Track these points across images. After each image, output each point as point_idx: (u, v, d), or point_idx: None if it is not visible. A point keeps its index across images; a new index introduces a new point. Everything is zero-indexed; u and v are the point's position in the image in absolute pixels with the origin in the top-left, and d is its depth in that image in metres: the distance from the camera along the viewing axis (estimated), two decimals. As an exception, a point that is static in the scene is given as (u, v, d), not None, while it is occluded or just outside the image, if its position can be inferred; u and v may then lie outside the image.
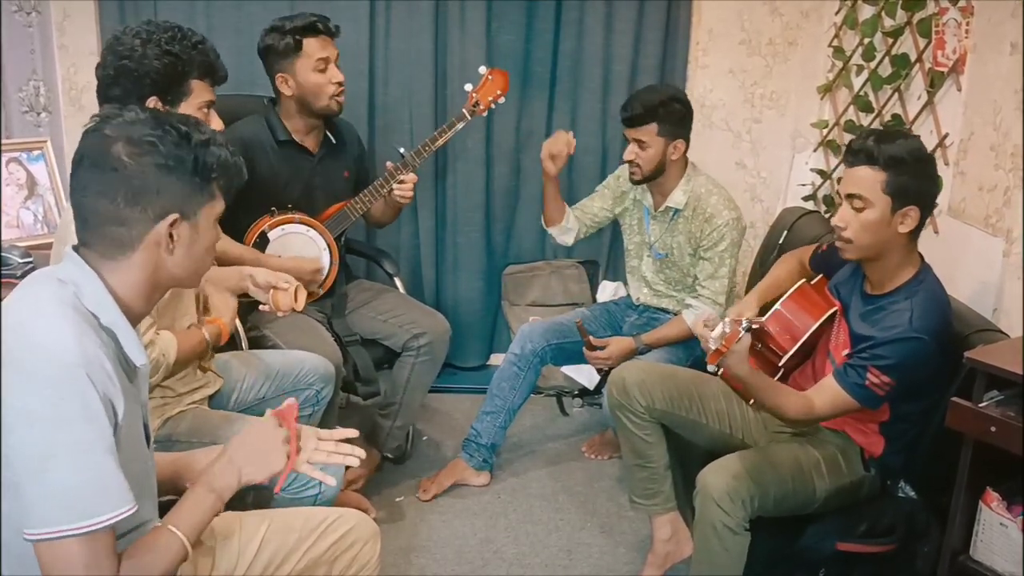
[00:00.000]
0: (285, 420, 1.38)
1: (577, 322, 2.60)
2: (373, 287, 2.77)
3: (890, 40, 2.60)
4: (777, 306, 1.99)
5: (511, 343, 2.75)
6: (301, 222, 2.50)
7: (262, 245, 2.46)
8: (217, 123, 1.89)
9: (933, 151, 2.17)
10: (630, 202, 2.70)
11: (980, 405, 1.52)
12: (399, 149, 2.63)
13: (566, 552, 2.41)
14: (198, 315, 1.95)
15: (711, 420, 2.14)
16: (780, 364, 2.00)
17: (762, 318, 1.97)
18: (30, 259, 2.27)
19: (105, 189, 1.17)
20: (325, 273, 2.54)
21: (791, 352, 1.95)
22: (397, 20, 3.11)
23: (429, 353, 2.57)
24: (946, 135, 2.29)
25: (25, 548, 1.13)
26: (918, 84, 2.47)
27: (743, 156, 3.26)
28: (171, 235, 1.20)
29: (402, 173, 2.55)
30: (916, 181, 1.74)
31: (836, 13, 2.99)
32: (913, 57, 2.48)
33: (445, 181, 3.28)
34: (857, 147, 1.77)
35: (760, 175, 3.29)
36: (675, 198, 2.54)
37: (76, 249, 1.22)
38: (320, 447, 1.41)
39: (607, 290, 3.32)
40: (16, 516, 1.12)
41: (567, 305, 3.33)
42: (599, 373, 2.69)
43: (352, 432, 1.47)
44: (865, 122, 2.76)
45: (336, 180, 2.62)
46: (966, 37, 2.22)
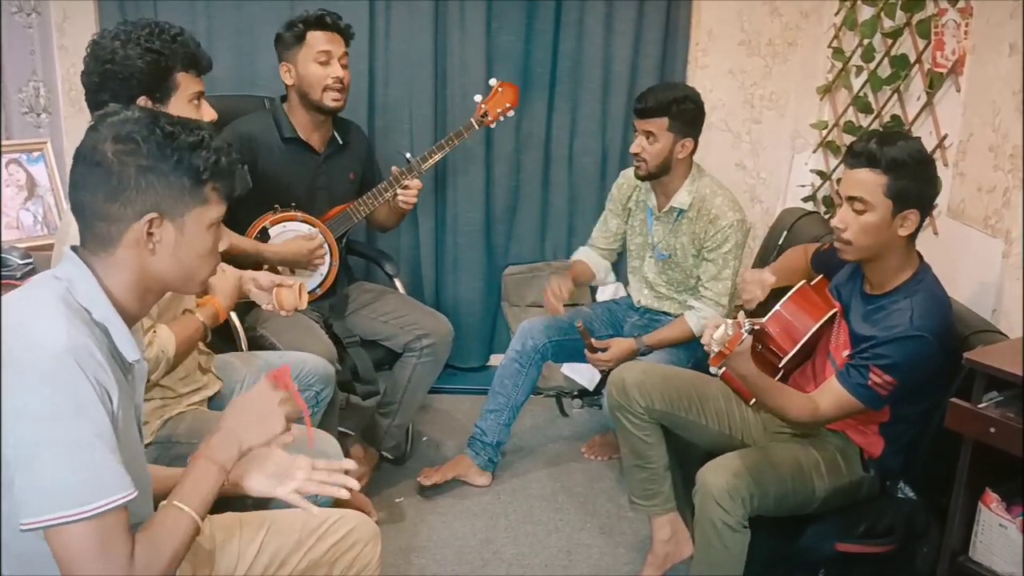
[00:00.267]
0: (280, 382, 1.35)
1: (578, 324, 2.60)
2: (374, 288, 2.77)
3: (889, 41, 2.60)
4: (777, 307, 1.99)
5: (512, 340, 2.75)
6: (303, 220, 2.50)
7: (263, 241, 2.46)
8: (209, 113, 1.88)
9: (932, 152, 2.17)
10: (633, 203, 2.70)
11: (979, 406, 1.53)
12: (405, 155, 2.63)
13: (566, 553, 2.41)
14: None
15: (710, 421, 2.14)
16: (780, 365, 2.00)
17: (763, 319, 1.97)
18: (30, 260, 2.27)
19: (90, 185, 1.19)
20: (326, 267, 2.53)
21: (791, 353, 1.96)
22: (397, 20, 3.11)
23: (432, 354, 2.57)
24: (945, 136, 2.29)
25: (26, 548, 1.13)
26: (917, 85, 2.48)
27: (743, 157, 3.27)
28: (150, 234, 1.20)
29: (407, 178, 2.55)
30: (917, 184, 1.74)
31: (836, 14, 2.99)
32: (912, 58, 2.48)
33: (445, 182, 3.28)
34: (859, 149, 1.77)
35: (760, 176, 3.29)
36: (679, 199, 2.54)
37: (75, 249, 1.24)
38: (313, 477, 1.38)
39: (607, 290, 3.31)
40: (17, 515, 1.11)
41: (567, 306, 3.32)
42: (600, 373, 2.69)
43: (352, 464, 1.45)
44: (864, 123, 2.77)
45: (341, 181, 2.62)
46: (965, 38, 2.22)
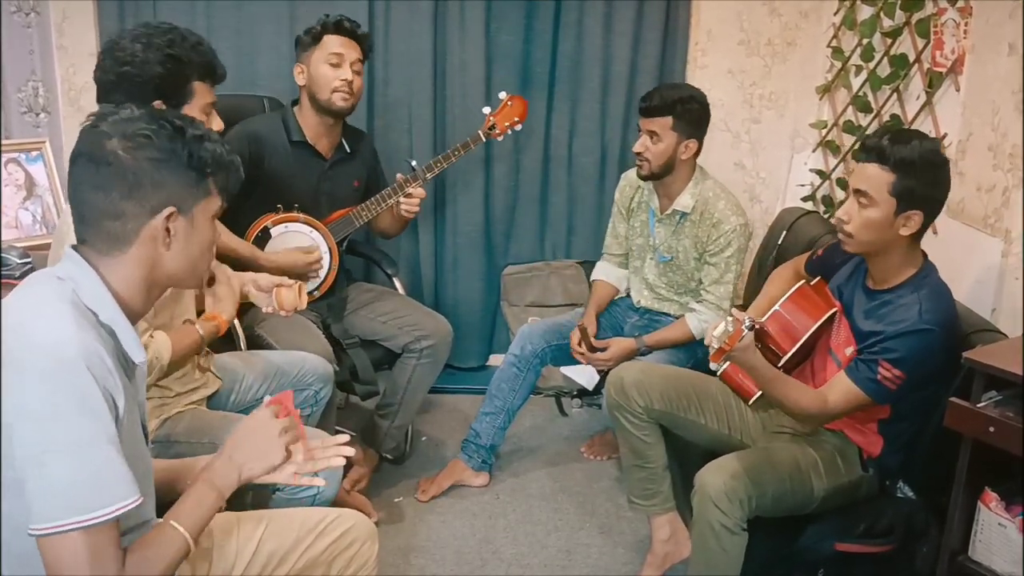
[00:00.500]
0: (283, 407, 1.37)
1: (580, 324, 2.60)
2: (374, 289, 2.77)
3: (889, 40, 2.60)
4: (776, 307, 1.99)
5: (511, 344, 2.75)
6: (305, 222, 2.50)
7: (264, 240, 2.46)
8: (218, 123, 1.90)
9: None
10: (635, 204, 2.69)
11: (979, 405, 1.52)
12: (411, 162, 2.63)
13: (565, 552, 2.41)
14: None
15: (709, 420, 2.14)
16: (779, 365, 2.00)
17: (763, 318, 1.97)
18: (28, 260, 2.27)
19: (101, 184, 1.18)
20: (325, 271, 2.54)
21: (790, 353, 1.96)
22: (397, 20, 3.11)
23: (431, 355, 2.57)
24: (944, 135, 2.29)
25: (25, 548, 1.13)
26: (917, 84, 2.48)
27: (742, 156, 3.27)
28: (168, 229, 1.21)
29: (411, 186, 2.56)
30: (924, 186, 1.74)
31: (835, 13, 2.99)
32: (912, 57, 2.48)
33: (444, 182, 3.28)
34: (871, 144, 1.77)
35: (759, 175, 3.29)
36: (682, 201, 2.53)
37: (75, 248, 1.23)
38: (308, 457, 1.40)
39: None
40: (17, 515, 1.12)
41: (566, 305, 3.33)
42: (598, 373, 2.69)
43: (344, 438, 1.46)
44: (864, 123, 2.77)
45: (345, 188, 2.62)
46: (964, 38, 2.22)
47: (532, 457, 2.91)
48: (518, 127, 2.74)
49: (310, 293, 2.51)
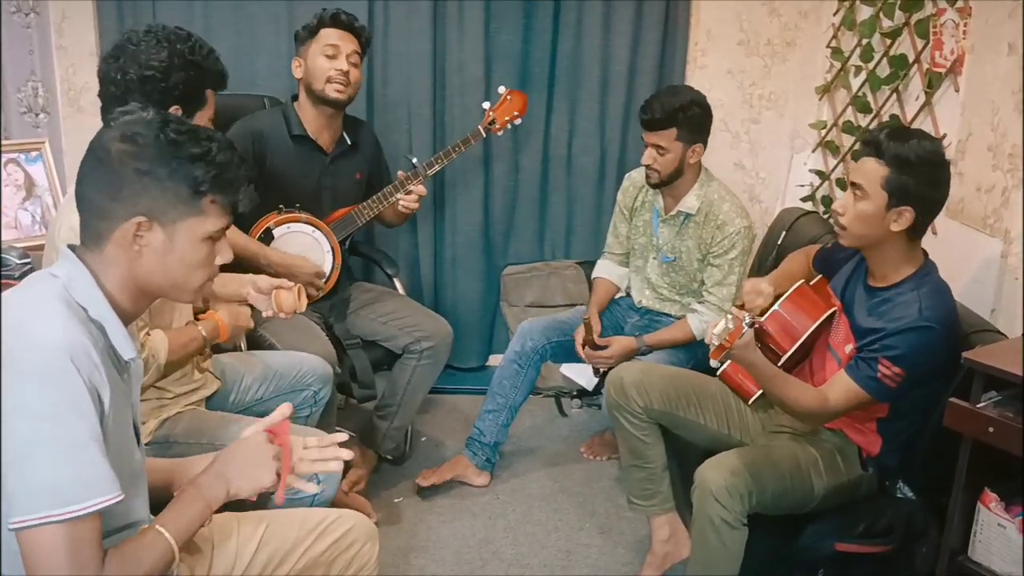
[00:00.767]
0: (278, 436, 1.37)
1: (586, 318, 2.59)
2: (374, 289, 2.77)
3: (888, 41, 2.60)
4: (776, 307, 1.99)
5: (511, 341, 2.75)
6: (308, 222, 2.50)
7: (266, 241, 2.46)
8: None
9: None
10: (639, 203, 2.69)
11: (978, 405, 1.52)
12: (411, 159, 2.63)
13: (565, 553, 2.41)
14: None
15: (709, 420, 2.14)
16: (779, 364, 2.00)
17: (762, 318, 1.97)
18: (28, 260, 2.27)
19: (93, 178, 1.20)
20: (327, 277, 2.54)
21: (790, 352, 1.96)
22: (396, 20, 3.11)
23: (431, 356, 2.57)
24: (944, 136, 2.29)
25: None
26: (916, 85, 2.48)
27: (742, 157, 3.27)
28: (137, 236, 1.20)
29: (412, 183, 2.56)
30: (918, 184, 1.74)
31: (834, 14, 2.99)
32: (911, 58, 2.48)
33: (444, 182, 3.28)
34: (869, 138, 1.79)
35: (759, 176, 3.29)
36: (688, 203, 2.52)
37: (72, 248, 1.24)
38: (305, 456, 1.39)
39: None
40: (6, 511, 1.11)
41: (566, 306, 3.33)
42: (596, 374, 2.69)
43: (342, 436, 1.46)
44: (863, 123, 2.77)
45: (347, 181, 2.62)
46: (964, 38, 2.22)
47: (532, 457, 2.91)
48: (518, 121, 2.74)
49: (312, 294, 2.50)
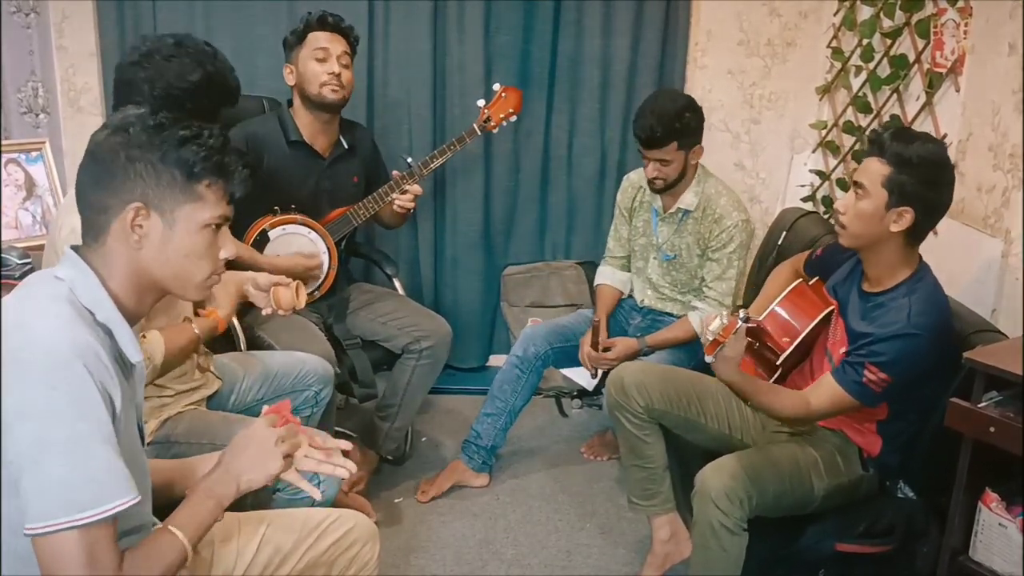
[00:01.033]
0: (280, 416, 1.37)
1: (596, 320, 2.59)
2: (374, 290, 2.77)
3: (889, 41, 2.60)
4: (773, 306, 1.99)
5: (512, 345, 2.74)
6: (303, 223, 2.50)
7: (262, 243, 2.46)
8: None
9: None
10: (637, 204, 2.69)
11: (979, 405, 1.52)
12: (407, 159, 2.63)
13: (565, 553, 2.41)
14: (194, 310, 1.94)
15: (710, 420, 2.14)
16: (778, 363, 2.00)
17: (760, 316, 1.97)
18: (28, 260, 2.26)
19: (88, 175, 1.20)
20: (324, 271, 2.53)
21: (788, 351, 1.96)
22: (396, 21, 3.11)
23: (431, 356, 2.57)
24: (945, 136, 2.29)
25: (26, 548, 1.13)
26: (917, 85, 2.48)
27: (742, 157, 3.26)
28: (134, 225, 1.19)
29: (408, 183, 2.56)
30: (918, 185, 1.73)
31: (835, 14, 2.99)
32: (912, 58, 2.48)
33: (444, 182, 3.28)
34: (873, 137, 1.79)
35: (759, 176, 3.29)
36: (686, 200, 2.53)
37: (75, 249, 1.23)
38: (310, 454, 1.39)
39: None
40: (17, 515, 1.11)
41: (566, 306, 3.33)
42: (593, 376, 2.68)
43: (346, 444, 1.45)
44: (864, 123, 2.77)
45: (345, 185, 2.62)
46: (964, 38, 2.22)
47: (532, 458, 2.90)
48: (513, 118, 2.73)
49: (310, 294, 2.51)
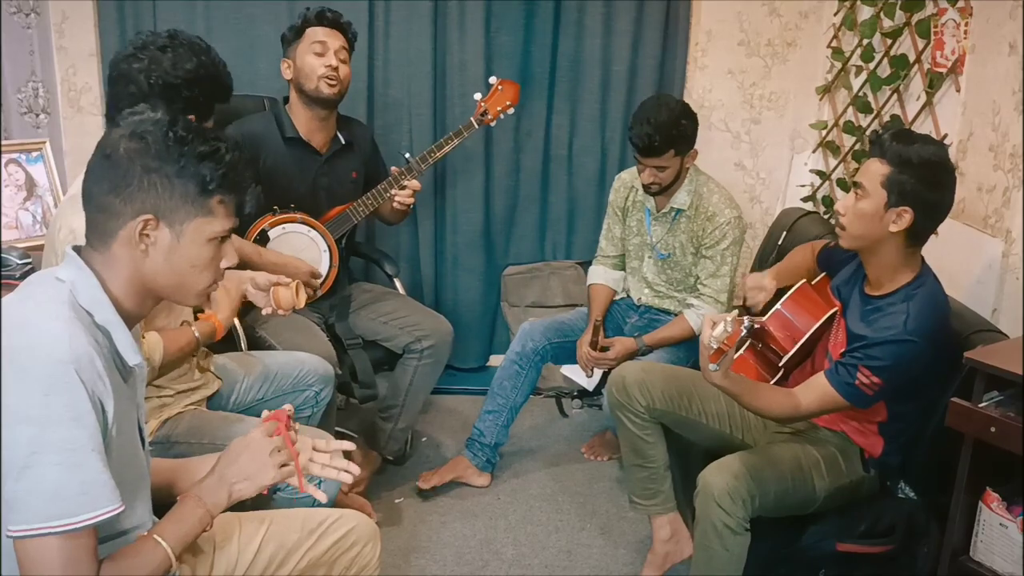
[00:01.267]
0: (277, 427, 1.36)
1: (596, 320, 2.59)
2: (374, 289, 2.77)
3: (889, 41, 2.60)
4: (777, 306, 1.99)
5: (511, 342, 2.75)
6: (303, 222, 2.50)
7: (262, 243, 2.45)
8: None
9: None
10: (630, 203, 2.70)
11: (980, 405, 1.53)
12: (405, 155, 2.63)
13: (566, 553, 2.41)
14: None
15: (711, 420, 2.13)
16: (781, 364, 2.00)
17: (763, 318, 1.97)
18: (28, 260, 2.26)
19: (100, 175, 1.20)
20: (324, 276, 2.53)
21: (791, 352, 1.96)
22: (396, 20, 3.11)
23: (432, 356, 2.57)
24: (945, 136, 2.29)
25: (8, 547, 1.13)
26: (917, 85, 2.48)
27: (742, 157, 3.27)
28: (143, 235, 1.19)
29: (406, 179, 2.56)
30: (918, 186, 1.73)
31: (835, 14, 2.99)
32: (912, 58, 2.48)
33: (444, 182, 3.28)
34: (873, 138, 1.80)
35: (759, 176, 3.29)
36: (679, 199, 2.54)
37: (76, 250, 1.23)
38: (315, 458, 1.39)
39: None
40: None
41: (566, 306, 3.33)
42: (587, 376, 2.69)
43: (350, 445, 1.45)
44: (864, 123, 2.77)
45: (343, 181, 2.62)
46: (965, 38, 2.22)
47: (532, 458, 2.91)
48: (510, 111, 2.73)
49: (310, 295, 2.50)
